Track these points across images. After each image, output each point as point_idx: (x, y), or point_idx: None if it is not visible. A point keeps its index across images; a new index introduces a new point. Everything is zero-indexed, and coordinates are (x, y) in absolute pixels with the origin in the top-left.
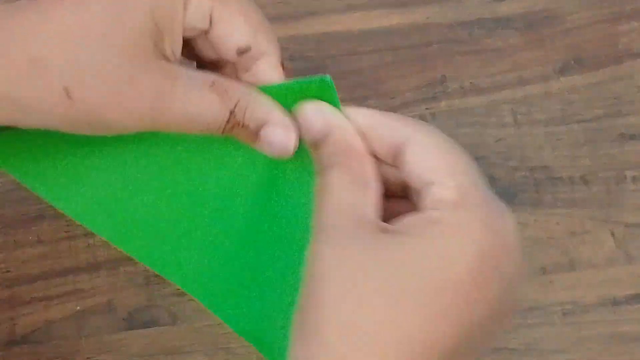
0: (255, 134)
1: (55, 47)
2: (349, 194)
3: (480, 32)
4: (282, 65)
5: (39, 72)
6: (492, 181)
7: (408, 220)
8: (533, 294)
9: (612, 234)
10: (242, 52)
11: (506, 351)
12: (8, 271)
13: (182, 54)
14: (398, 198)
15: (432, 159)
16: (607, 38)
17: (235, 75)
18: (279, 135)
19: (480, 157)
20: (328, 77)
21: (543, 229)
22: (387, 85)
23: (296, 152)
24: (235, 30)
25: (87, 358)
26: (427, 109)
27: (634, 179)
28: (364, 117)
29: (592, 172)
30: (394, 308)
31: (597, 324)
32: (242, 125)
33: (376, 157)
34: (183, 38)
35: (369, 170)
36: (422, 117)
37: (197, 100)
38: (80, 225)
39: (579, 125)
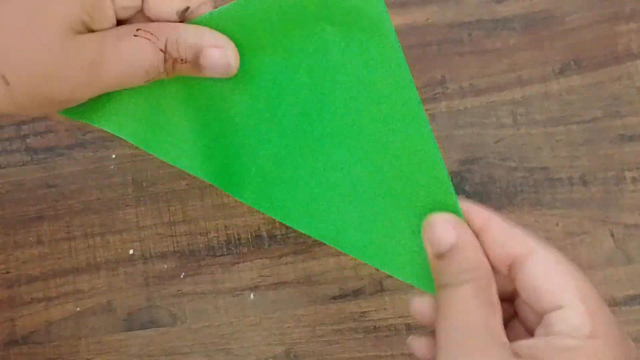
0: (196, 64)
1: None
2: (482, 315)
3: (480, 32)
4: None
5: None
6: (491, 182)
7: (539, 346)
8: None
9: (612, 235)
10: (181, 14)
11: None
12: (8, 271)
13: None
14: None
15: (559, 279)
16: (606, 39)
17: None
18: (216, 56)
19: (479, 158)
20: None
21: (542, 230)
22: None
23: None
24: (168, 2)
25: (87, 359)
26: (426, 109)
27: (633, 179)
28: (482, 218)
29: (591, 172)
30: None
31: None
32: (181, 60)
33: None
34: (119, 19)
35: (495, 290)
36: None
37: (127, 50)
38: (80, 225)
39: (578, 125)
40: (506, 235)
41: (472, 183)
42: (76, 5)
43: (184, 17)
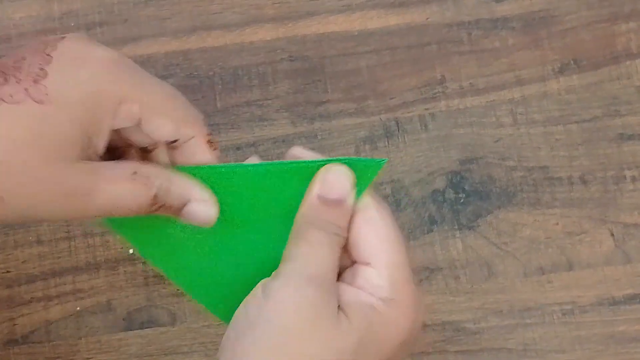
0: (179, 210)
1: None
2: (333, 266)
3: (479, 32)
4: (210, 141)
5: None
6: (491, 181)
7: (349, 297)
8: (531, 294)
9: (611, 234)
10: (169, 143)
11: (505, 351)
12: (8, 271)
13: (113, 142)
14: None
15: (376, 240)
16: (605, 38)
17: (167, 152)
18: (201, 210)
19: (478, 157)
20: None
21: (541, 229)
22: (386, 85)
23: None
24: (161, 129)
25: (87, 358)
26: (426, 109)
27: (632, 178)
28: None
29: (590, 172)
30: None
31: (595, 324)
32: (166, 206)
33: None
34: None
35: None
36: (421, 117)
37: (120, 192)
38: (80, 225)
39: (577, 125)
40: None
41: (472, 182)
42: (75, 127)
43: (171, 146)
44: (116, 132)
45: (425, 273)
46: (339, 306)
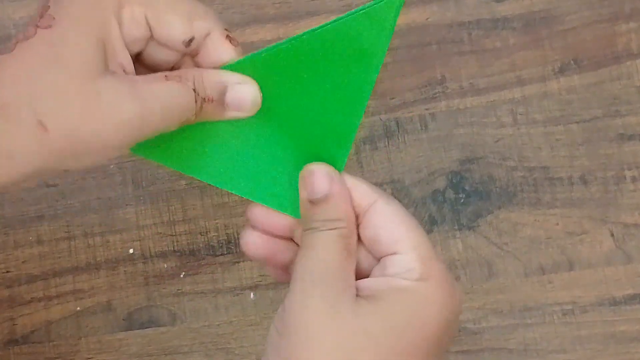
0: (221, 103)
1: (14, 89)
2: (340, 259)
3: (479, 32)
4: (229, 36)
5: (8, 115)
6: (491, 181)
7: (378, 286)
8: (532, 294)
9: (611, 234)
10: (187, 43)
11: (505, 351)
12: (8, 271)
13: (141, 67)
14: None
15: (396, 228)
16: (606, 38)
17: (194, 64)
18: (242, 91)
19: (479, 157)
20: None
21: (542, 229)
22: (386, 85)
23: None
24: (172, 28)
25: (87, 358)
26: (426, 109)
27: (633, 179)
28: (347, 179)
29: (590, 172)
30: None
31: (595, 324)
32: (208, 100)
33: None
34: (131, 53)
35: (355, 240)
36: (421, 117)
37: (163, 91)
38: (80, 225)
39: (577, 125)
40: (360, 190)
41: (472, 182)
42: (90, 43)
43: (189, 47)
44: (138, 62)
45: None
46: (369, 296)
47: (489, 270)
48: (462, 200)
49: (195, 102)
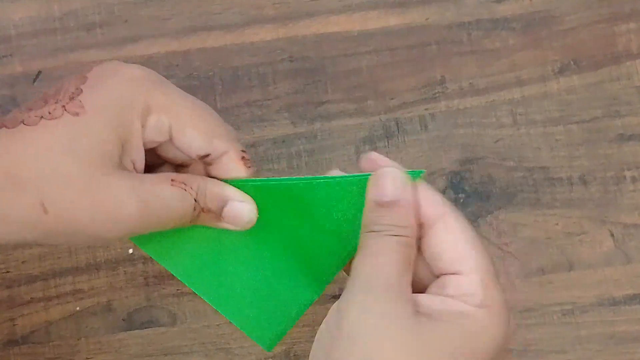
0: (218, 214)
1: (28, 165)
2: (401, 269)
3: (479, 32)
4: (244, 157)
5: (15, 187)
6: (491, 182)
7: (438, 306)
8: (531, 295)
9: (611, 234)
10: (203, 157)
11: (505, 351)
12: (8, 271)
13: (152, 154)
14: None
15: (462, 247)
16: (605, 39)
17: (203, 169)
18: (239, 208)
19: (478, 158)
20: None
21: (541, 230)
22: (386, 85)
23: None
24: (192, 142)
25: (87, 358)
26: (426, 109)
27: (632, 179)
28: (421, 186)
29: (590, 172)
30: None
31: (595, 324)
32: (205, 210)
33: None
34: (147, 149)
35: (415, 251)
36: (421, 118)
37: (166, 195)
38: None
39: (577, 125)
40: (424, 196)
41: (472, 183)
42: (111, 135)
43: (204, 159)
44: (151, 152)
45: None
46: (427, 314)
47: None
48: (461, 201)
49: (194, 209)
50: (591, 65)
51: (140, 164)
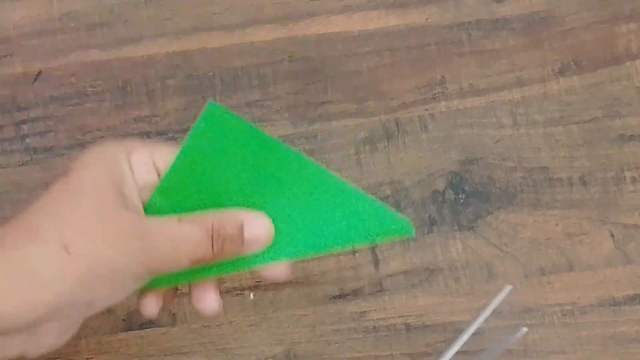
0: (240, 239)
1: (45, 216)
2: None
3: (479, 33)
4: None
5: (39, 238)
6: (491, 182)
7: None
8: (531, 295)
9: (611, 235)
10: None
11: (505, 352)
12: None
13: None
14: None
15: None
16: (605, 39)
17: None
18: (259, 226)
19: (478, 158)
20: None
21: (541, 230)
22: (386, 86)
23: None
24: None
25: (87, 358)
26: (426, 109)
27: (633, 179)
28: None
29: (590, 173)
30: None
31: (595, 325)
32: (227, 239)
33: None
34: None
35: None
36: (421, 118)
37: (174, 232)
38: None
39: (577, 126)
40: None
41: (472, 183)
42: (106, 184)
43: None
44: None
45: (425, 274)
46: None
47: (489, 271)
48: (461, 201)
49: (213, 242)
50: (591, 66)
51: (142, 210)
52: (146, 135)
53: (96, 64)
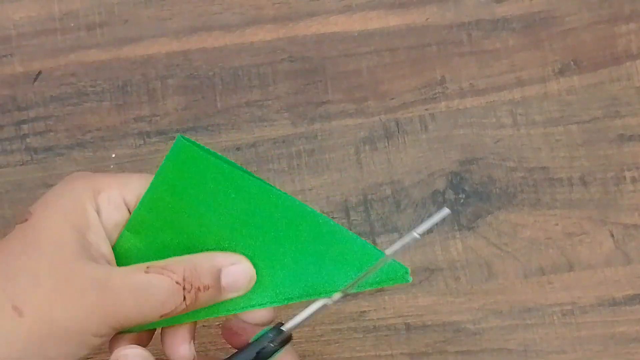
0: (217, 287)
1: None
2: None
3: (479, 33)
4: None
5: None
6: (491, 182)
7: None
8: (531, 295)
9: (611, 235)
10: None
11: (505, 352)
12: None
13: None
14: None
15: None
16: (605, 39)
17: None
18: (237, 271)
19: (478, 158)
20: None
21: (541, 230)
22: (386, 86)
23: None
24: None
25: (87, 358)
26: (426, 109)
27: (632, 179)
28: None
29: (590, 173)
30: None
31: (595, 325)
32: (203, 288)
33: None
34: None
35: None
36: (421, 118)
37: (137, 282)
38: None
39: (577, 126)
40: None
41: (472, 183)
42: (64, 232)
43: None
44: None
45: (425, 274)
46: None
47: (489, 271)
48: (461, 201)
49: (185, 293)
50: (591, 66)
51: (111, 257)
52: (146, 135)
53: (96, 64)
